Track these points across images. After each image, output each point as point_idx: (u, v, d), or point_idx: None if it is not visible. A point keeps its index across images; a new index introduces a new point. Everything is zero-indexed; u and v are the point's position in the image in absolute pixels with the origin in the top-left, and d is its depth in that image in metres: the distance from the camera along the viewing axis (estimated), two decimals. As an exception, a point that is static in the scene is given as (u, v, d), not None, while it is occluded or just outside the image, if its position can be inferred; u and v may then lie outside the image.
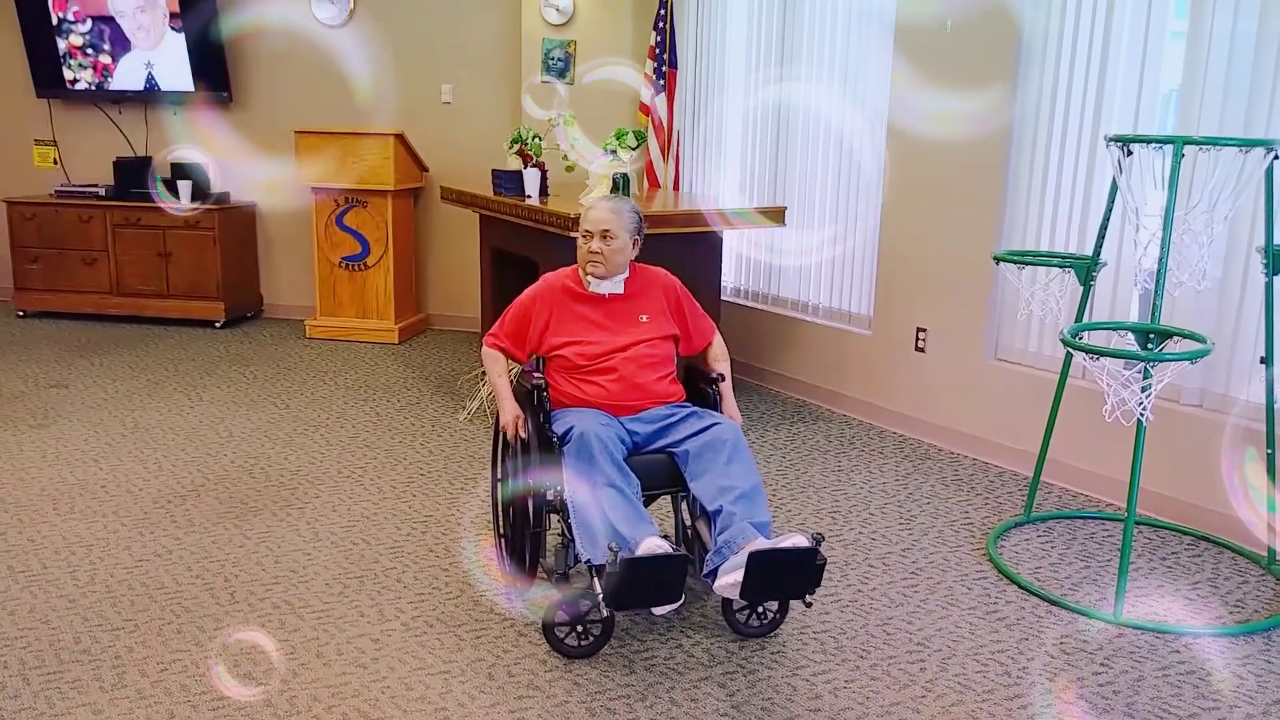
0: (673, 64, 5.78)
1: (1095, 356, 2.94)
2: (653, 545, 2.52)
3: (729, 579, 2.55)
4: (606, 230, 2.97)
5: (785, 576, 2.52)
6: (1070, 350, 3.06)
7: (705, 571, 2.68)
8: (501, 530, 3.12)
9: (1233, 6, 3.49)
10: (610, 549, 2.42)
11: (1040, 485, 3.93)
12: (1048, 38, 4.07)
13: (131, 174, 6.78)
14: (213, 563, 3.25)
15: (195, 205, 6.50)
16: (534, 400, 2.93)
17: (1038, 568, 3.35)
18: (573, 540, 2.68)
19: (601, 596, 2.49)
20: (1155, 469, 3.71)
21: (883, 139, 4.75)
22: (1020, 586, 3.20)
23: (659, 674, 2.64)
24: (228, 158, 6.86)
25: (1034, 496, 3.76)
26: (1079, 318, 3.54)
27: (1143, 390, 2.88)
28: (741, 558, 2.51)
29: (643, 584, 2.45)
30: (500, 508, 3.12)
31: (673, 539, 3.14)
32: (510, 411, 2.94)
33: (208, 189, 6.64)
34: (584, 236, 3.01)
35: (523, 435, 2.90)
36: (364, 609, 2.96)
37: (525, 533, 2.89)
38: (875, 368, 4.91)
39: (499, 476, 3.12)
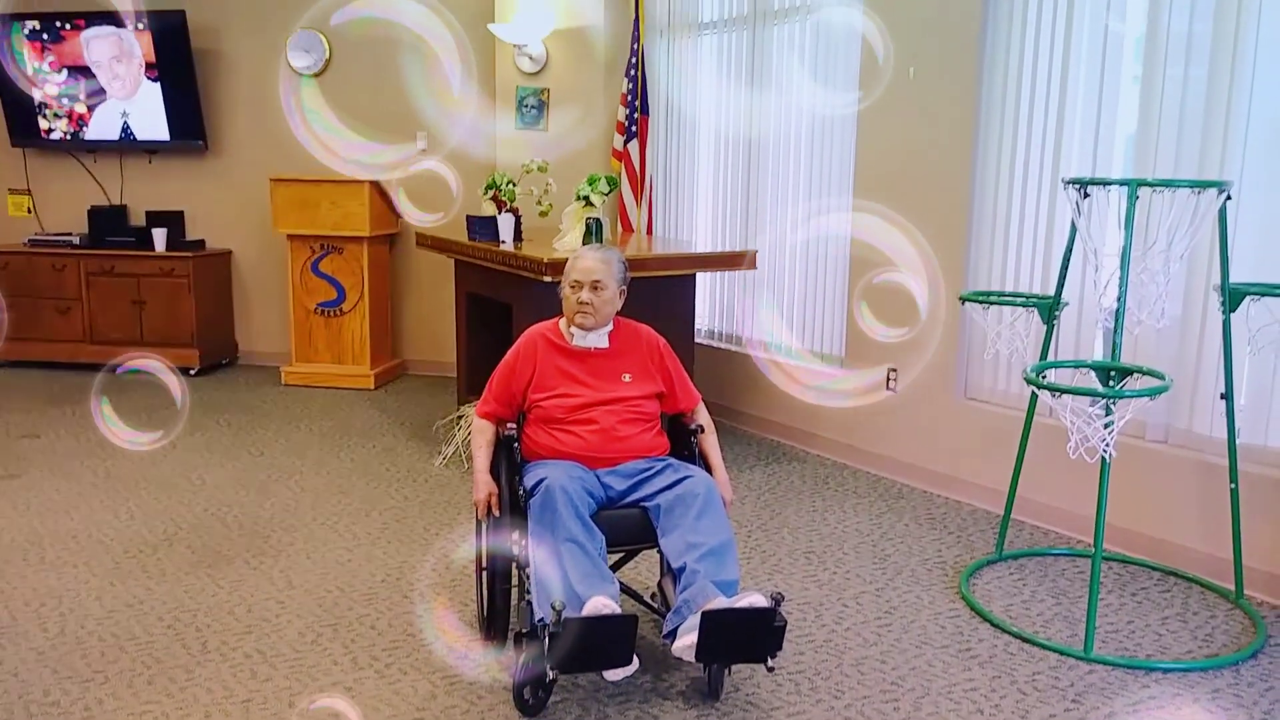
0: (645, 110, 5.88)
1: (1058, 394, 3.00)
2: (598, 605, 2.44)
3: (685, 641, 2.47)
4: (597, 281, 2.90)
5: (742, 638, 2.43)
6: (1034, 389, 3.11)
7: (664, 632, 2.60)
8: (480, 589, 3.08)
9: (1184, 53, 3.60)
10: (553, 608, 2.34)
11: (1011, 523, 3.97)
12: (1006, 83, 4.18)
13: (106, 222, 6.80)
14: (184, 612, 3.23)
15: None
16: (506, 452, 2.90)
17: (1009, 605, 3.38)
18: (531, 597, 2.60)
19: (546, 659, 2.39)
20: (1123, 505, 3.76)
21: (850, 182, 4.84)
22: (993, 624, 3.23)
23: (633, 717, 2.64)
24: (203, 205, 6.91)
25: (1005, 534, 3.80)
26: (1043, 356, 3.60)
27: (1105, 427, 2.93)
28: (698, 618, 2.43)
29: (589, 645, 2.36)
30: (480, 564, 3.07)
31: (659, 598, 3.07)
32: (483, 489, 2.84)
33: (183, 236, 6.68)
34: (572, 287, 2.93)
35: (495, 513, 2.82)
36: (337, 657, 2.95)
37: (495, 589, 2.85)
38: (848, 408, 4.96)
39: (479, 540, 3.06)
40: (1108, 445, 2.95)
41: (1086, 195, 3.23)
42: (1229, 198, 3.12)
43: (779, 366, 4.97)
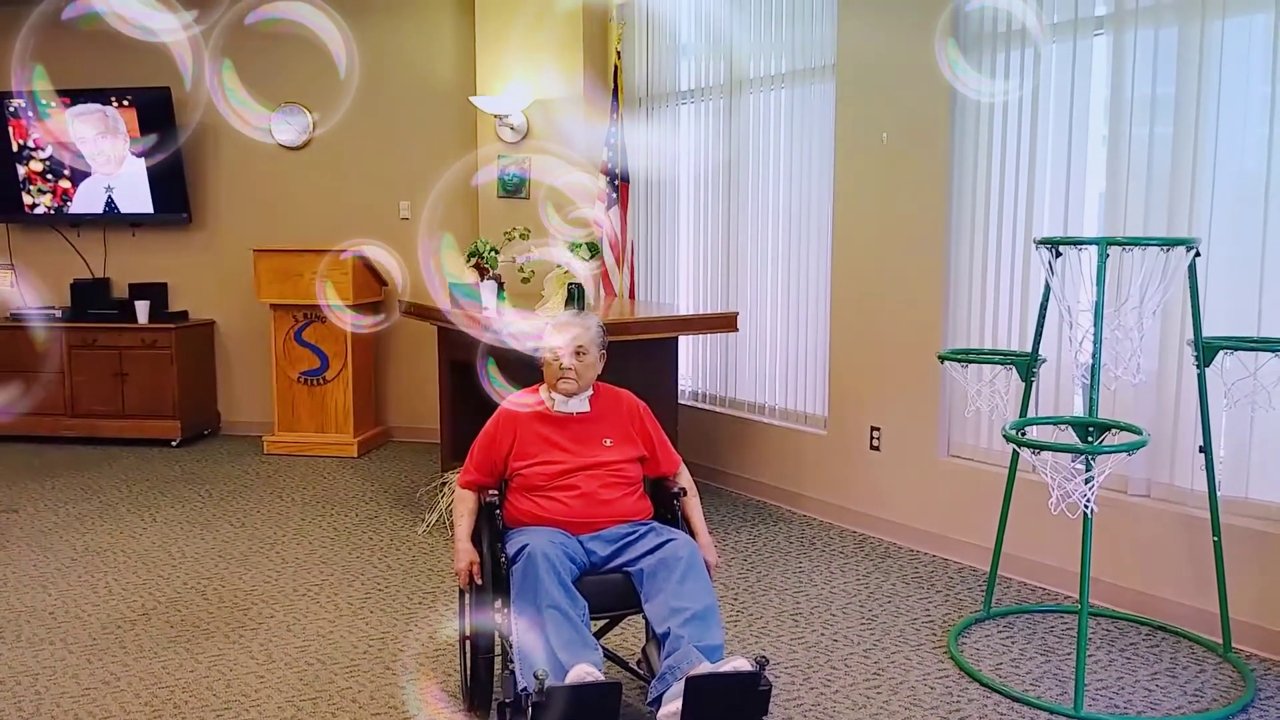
0: (625, 177, 5.96)
1: (1037, 451, 3.01)
2: (582, 673, 2.42)
3: (670, 708, 2.45)
4: (580, 346, 2.94)
5: (728, 703, 2.41)
6: (1014, 446, 3.13)
7: (649, 700, 2.57)
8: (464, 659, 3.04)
9: (1148, 111, 3.69)
10: (536, 676, 2.32)
11: (998, 580, 3.96)
12: (978, 145, 4.26)
13: (89, 296, 6.81)
14: (162, 689, 3.17)
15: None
16: (488, 519, 2.89)
17: (999, 664, 3.35)
18: (514, 666, 2.57)
19: None
20: (1108, 560, 3.76)
21: (829, 245, 4.91)
22: (982, 684, 3.20)
23: (620, 788, 2.59)
24: (186, 277, 6.94)
25: (992, 591, 3.78)
26: (1023, 413, 3.62)
27: (1086, 482, 2.94)
28: (682, 684, 2.41)
29: (572, 714, 2.33)
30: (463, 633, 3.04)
31: (644, 664, 3.05)
32: (464, 558, 2.83)
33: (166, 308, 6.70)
34: (553, 354, 2.97)
35: (478, 581, 2.80)
36: (318, 732, 2.90)
37: (478, 658, 2.81)
38: (832, 467, 4.96)
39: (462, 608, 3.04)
40: (1089, 500, 2.96)
41: (1059, 254, 3.29)
42: (1197, 254, 3.18)
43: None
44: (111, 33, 6.28)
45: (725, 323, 4.87)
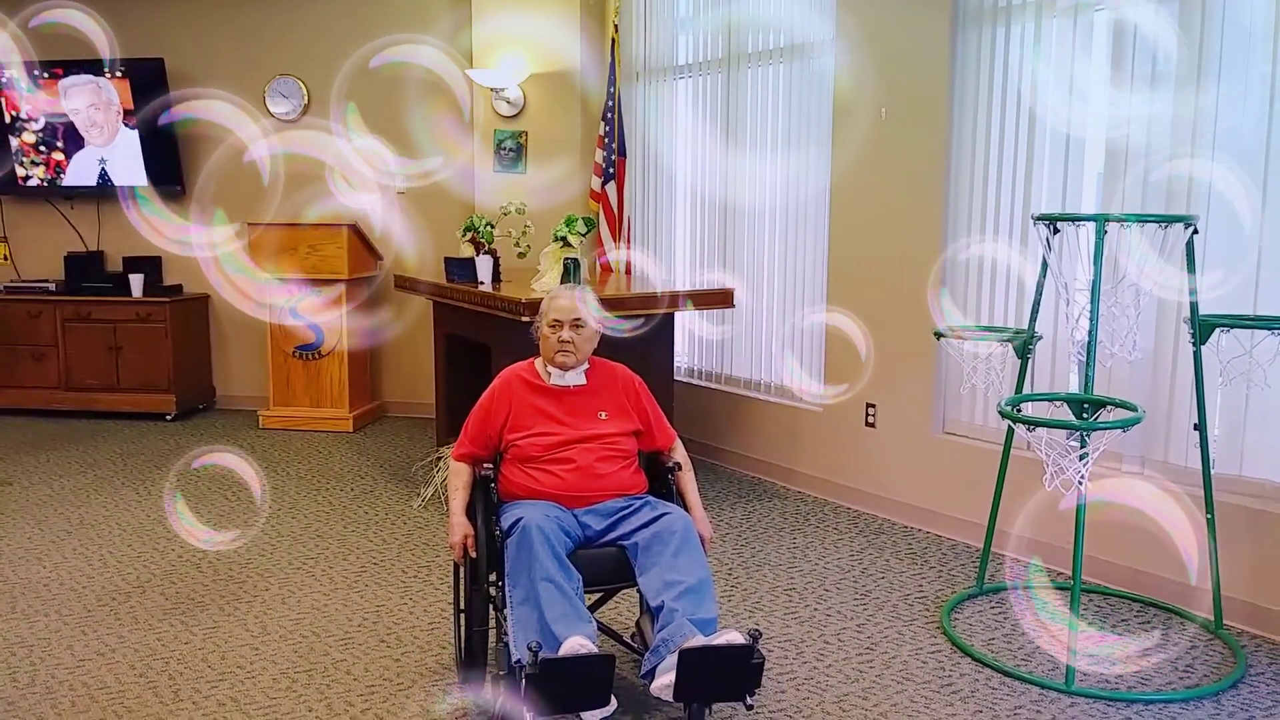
0: (621, 152, 5.93)
1: (1032, 427, 3.01)
2: (575, 645, 2.44)
3: (663, 680, 2.46)
4: (578, 319, 2.93)
5: (720, 676, 2.42)
6: (1009, 422, 3.13)
7: (643, 672, 2.57)
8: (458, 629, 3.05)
9: (1148, 88, 3.66)
10: (530, 649, 2.33)
11: (991, 556, 3.96)
12: (977, 122, 4.24)
13: (83, 269, 6.78)
14: (157, 660, 3.18)
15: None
16: (482, 493, 2.89)
17: (991, 639, 3.37)
18: (508, 639, 2.58)
19: (523, 701, 2.36)
20: (1101, 537, 3.76)
21: (826, 221, 4.89)
22: (974, 659, 3.21)
23: (613, 760, 2.60)
24: (180, 250, 6.90)
25: (985, 568, 3.80)
26: (1018, 389, 3.62)
27: (1080, 459, 2.94)
28: (675, 657, 2.42)
29: (566, 686, 2.35)
30: (458, 606, 3.05)
31: (638, 637, 3.07)
32: (459, 531, 2.83)
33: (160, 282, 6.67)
34: (551, 326, 2.95)
35: (473, 555, 2.81)
36: (312, 704, 2.90)
37: (472, 631, 2.82)
38: (827, 444, 4.96)
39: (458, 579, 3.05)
40: (1083, 477, 2.96)
41: (1056, 231, 3.28)
42: (1195, 231, 3.17)
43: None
44: (104, 3, 6.23)
45: (722, 298, 4.86)
